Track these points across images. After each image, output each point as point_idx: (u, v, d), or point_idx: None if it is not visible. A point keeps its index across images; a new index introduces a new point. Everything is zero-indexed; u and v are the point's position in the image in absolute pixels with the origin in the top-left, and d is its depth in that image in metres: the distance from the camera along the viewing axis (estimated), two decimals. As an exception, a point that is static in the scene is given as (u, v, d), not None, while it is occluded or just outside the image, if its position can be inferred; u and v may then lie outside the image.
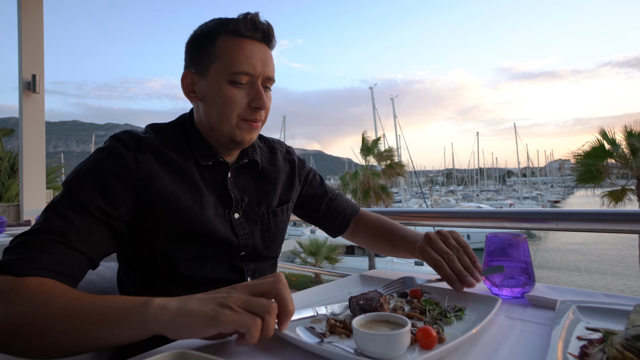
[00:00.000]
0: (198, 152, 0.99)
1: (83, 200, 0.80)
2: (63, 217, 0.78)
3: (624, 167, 11.74)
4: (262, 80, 0.97)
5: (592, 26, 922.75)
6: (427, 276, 0.97)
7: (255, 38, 0.95)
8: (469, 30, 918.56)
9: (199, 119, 1.01)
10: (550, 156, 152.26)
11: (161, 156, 0.92)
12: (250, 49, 0.94)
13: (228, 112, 0.94)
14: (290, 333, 0.67)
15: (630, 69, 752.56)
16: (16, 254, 0.73)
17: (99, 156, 0.87)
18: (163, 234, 0.90)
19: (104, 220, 0.82)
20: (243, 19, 0.93)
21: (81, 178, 0.83)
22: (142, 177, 0.87)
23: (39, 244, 0.74)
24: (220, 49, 0.93)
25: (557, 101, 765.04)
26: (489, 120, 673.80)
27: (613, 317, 0.71)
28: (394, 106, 39.14)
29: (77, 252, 0.77)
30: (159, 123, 1.03)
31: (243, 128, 0.97)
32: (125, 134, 0.92)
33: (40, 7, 3.88)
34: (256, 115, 0.97)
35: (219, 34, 0.94)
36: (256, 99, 0.95)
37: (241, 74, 0.92)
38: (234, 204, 1.02)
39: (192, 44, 0.98)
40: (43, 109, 3.96)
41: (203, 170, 0.99)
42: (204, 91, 0.96)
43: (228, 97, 0.93)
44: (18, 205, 4.02)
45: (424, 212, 1.86)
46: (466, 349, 0.64)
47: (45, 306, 0.65)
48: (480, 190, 75.09)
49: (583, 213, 1.40)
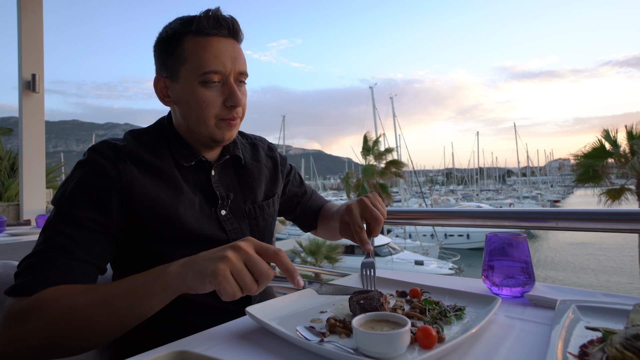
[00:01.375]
0: (179, 153, 0.99)
1: (77, 215, 0.82)
2: (62, 233, 0.80)
3: (623, 167, 11.74)
4: (235, 76, 0.95)
5: (592, 25, 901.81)
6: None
7: (221, 34, 0.94)
8: (469, 30, 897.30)
9: (177, 121, 1.02)
10: (550, 156, 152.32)
11: (141, 162, 0.93)
12: (217, 47, 0.92)
13: (204, 114, 0.94)
14: (290, 333, 0.67)
15: (630, 68, 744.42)
16: (26, 275, 0.76)
17: (81, 172, 0.88)
18: (152, 236, 0.91)
19: (100, 231, 0.84)
20: (205, 16, 0.92)
21: (70, 195, 0.85)
22: (125, 183, 0.88)
23: (46, 262, 0.77)
24: (187, 51, 0.92)
25: (557, 101, 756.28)
26: (488, 120, 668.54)
27: (613, 317, 0.71)
28: (393, 106, 39.13)
29: (84, 262, 0.81)
30: (137, 129, 1.03)
31: (222, 127, 0.97)
32: (102, 145, 0.91)
33: (40, 6, 3.88)
34: (233, 113, 0.96)
35: (184, 35, 0.93)
36: (230, 98, 0.94)
37: (211, 73, 0.91)
38: (219, 201, 1.02)
39: (159, 47, 0.97)
40: (43, 108, 3.95)
41: (185, 172, 1.00)
42: (178, 95, 0.96)
43: (202, 99, 0.92)
44: (18, 204, 4.02)
45: (424, 211, 1.86)
46: (466, 349, 0.64)
47: (74, 304, 0.71)
48: (480, 189, 75.09)
49: (583, 212, 1.40)
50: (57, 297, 0.72)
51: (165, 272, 0.70)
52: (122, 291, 0.72)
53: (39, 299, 0.72)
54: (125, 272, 0.98)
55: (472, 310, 0.79)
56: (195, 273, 0.67)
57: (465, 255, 21.38)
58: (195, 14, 0.94)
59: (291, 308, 0.83)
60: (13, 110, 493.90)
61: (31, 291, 0.74)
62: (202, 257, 0.68)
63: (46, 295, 0.73)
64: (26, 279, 0.76)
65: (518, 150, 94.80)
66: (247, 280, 0.65)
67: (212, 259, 0.66)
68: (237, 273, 0.65)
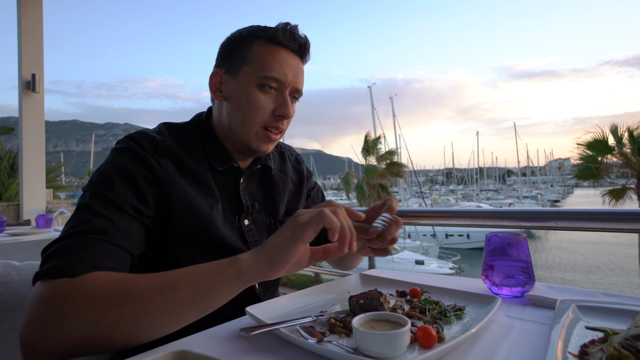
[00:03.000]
0: (213, 156, 0.98)
1: (116, 199, 0.79)
2: (101, 216, 0.76)
3: (625, 166, 11.74)
4: (291, 90, 0.97)
5: (592, 25, 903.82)
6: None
7: (291, 48, 0.96)
8: (469, 29, 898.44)
9: (219, 119, 1.00)
10: (550, 155, 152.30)
11: (178, 161, 0.91)
12: (284, 57, 0.94)
13: (251, 116, 0.93)
14: (290, 333, 0.67)
15: (631, 67, 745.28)
16: (63, 257, 0.69)
17: (119, 156, 0.85)
18: (178, 238, 0.88)
19: (137, 218, 0.81)
20: (282, 28, 0.94)
21: (108, 178, 0.81)
22: (166, 177, 0.86)
23: (85, 243, 0.71)
24: (255, 52, 0.93)
25: (557, 100, 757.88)
26: (488, 120, 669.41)
27: (613, 316, 0.71)
28: (392, 105, 39.12)
29: (121, 249, 0.76)
30: (174, 123, 1.01)
31: (261, 137, 0.96)
32: (141, 136, 0.89)
33: (39, 6, 3.88)
34: (279, 123, 0.96)
35: (256, 38, 0.94)
36: (282, 107, 0.94)
37: (270, 79, 0.92)
38: (244, 210, 1.01)
39: (228, 44, 0.98)
40: (43, 108, 3.95)
41: (217, 175, 0.98)
42: (232, 91, 0.95)
43: (254, 100, 0.93)
44: (18, 204, 4.01)
45: (424, 211, 1.86)
46: (466, 348, 0.64)
47: (132, 288, 0.65)
48: (480, 189, 75.11)
49: (583, 212, 1.40)
50: (110, 280, 0.66)
51: (236, 259, 0.68)
52: (187, 276, 0.67)
53: (87, 280, 0.65)
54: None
55: (472, 310, 0.79)
56: (280, 243, 0.68)
57: (465, 255, 21.38)
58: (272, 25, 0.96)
59: (291, 308, 0.83)
60: (13, 110, 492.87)
61: (73, 273, 0.66)
62: (274, 237, 0.70)
63: (95, 277, 0.66)
64: (63, 260, 0.67)
65: (518, 150, 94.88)
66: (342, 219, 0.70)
67: (294, 226, 0.68)
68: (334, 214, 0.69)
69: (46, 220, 3.08)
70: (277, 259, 0.68)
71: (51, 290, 0.64)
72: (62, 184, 10.95)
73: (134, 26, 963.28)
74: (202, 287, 0.66)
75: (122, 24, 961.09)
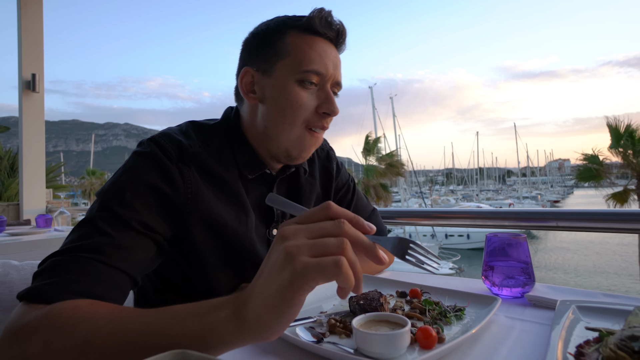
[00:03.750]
0: (244, 163, 0.88)
1: (124, 214, 0.70)
2: (101, 232, 0.67)
3: (624, 166, 11.73)
4: (332, 84, 0.88)
5: (592, 25, 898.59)
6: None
7: (328, 37, 0.87)
8: (469, 30, 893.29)
9: (251, 122, 0.90)
10: (550, 156, 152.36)
11: (206, 169, 0.82)
12: (322, 48, 0.85)
13: (293, 116, 0.84)
14: (290, 333, 0.67)
15: (631, 68, 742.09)
16: (49, 277, 0.62)
17: (139, 164, 0.76)
18: (201, 259, 0.82)
19: (146, 234, 0.72)
20: (317, 15, 0.84)
21: (120, 188, 0.73)
22: (189, 195, 0.78)
23: (75, 264, 0.64)
24: (290, 45, 0.84)
25: (557, 101, 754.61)
26: (488, 120, 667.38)
27: (613, 317, 0.71)
28: (393, 105, 39.12)
29: (118, 271, 0.67)
30: (202, 123, 0.91)
31: (306, 139, 0.87)
32: (165, 139, 0.80)
33: (40, 6, 3.88)
34: (324, 121, 0.87)
35: (289, 28, 0.85)
36: (326, 103, 0.85)
37: (312, 72, 0.83)
38: (274, 220, 0.93)
39: (255, 39, 0.89)
40: (43, 108, 3.95)
41: (247, 183, 0.89)
42: (267, 91, 0.85)
43: (295, 98, 0.83)
44: (18, 204, 4.02)
45: (424, 211, 1.86)
46: (466, 349, 0.64)
47: (94, 337, 0.53)
48: (480, 189, 75.12)
49: (583, 213, 1.40)
50: (75, 320, 0.55)
51: (217, 318, 0.50)
52: (159, 328, 0.51)
53: (52, 316, 0.56)
54: (145, 296, 0.90)
55: (472, 311, 0.79)
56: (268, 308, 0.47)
57: (465, 255, 21.37)
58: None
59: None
60: (12, 109, 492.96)
61: (48, 299, 0.59)
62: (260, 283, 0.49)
63: (62, 312, 0.56)
64: (46, 282, 0.61)
65: (518, 151, 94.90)
66: (329, 245, 0.47)
67: (277, 272, 0.47)
68: (313, 247, 0.47)
69: (46, 220, 3.08)
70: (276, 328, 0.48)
71: (20, 318, 0.57)
72: (62, 183, 10.96)
73: (134, 26, 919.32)
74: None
75: (121, 23, 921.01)
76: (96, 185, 26.48)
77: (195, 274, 0.84)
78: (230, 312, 0.49)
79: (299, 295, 0.47)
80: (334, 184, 1.10)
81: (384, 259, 0.50)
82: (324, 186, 1.08)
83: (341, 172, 1.14)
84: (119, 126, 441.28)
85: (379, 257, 0.49)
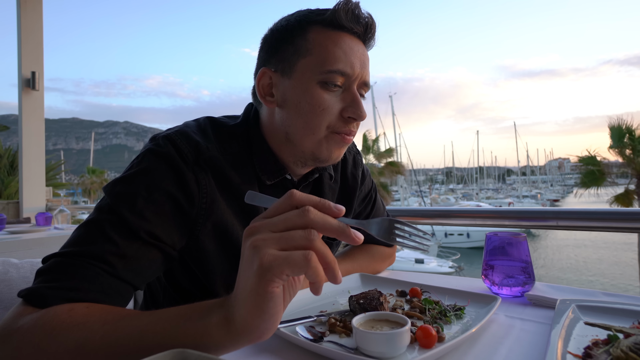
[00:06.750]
0: (263, 168, 0.83)
1: (132, 221, 0.67)
2: (107, 238, 0.65)
3: (625, 165, 11.73)
4: (359, 85, 0.80)
5: (593, 24, 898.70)
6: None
7: (355, 32, 0.79)
8: (469, 28, 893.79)
9: (271, 127, 0.84)
10: (550, 155, 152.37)
11: (222, 176, 0.78)
12: (348, 44, 0.77)
13: (315, 121, 0.77)
14: (290, 332, 0.67)
15: (631, 67, 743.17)
16: (51, 280, 0.61)
17: (153, 162, 0.72)
18: (211, 266, 0.80)
19: (154, 244, 0.69)
20: (343, 7, 0.76)
21: (133, 193, 0.69)
22: (204, 205, 0.74)
23: (77, 269, 0.62)
24: (312, 42, 0.77)
25: (557, 99, 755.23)
26: (488, 119, 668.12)
27: (613, 316, 0.71)
28: (392, 104, 39.09)
29: (121, 281, 0.65)
30: (221, 121, 0.86)
31: (332, 142, 0.80)
32: (182, 139, 0.75)
33: (39, 4, 3.88)
34: (350, 126, 0.80)
35: (311, 24, 0.78)
36: (352, 107, 0.78)
37: (336, 73, 0.76)
38: None
39: (274, 36, 0.81)
40: (42, 106, 3.95)
41: (265, 191, 0.84)
42: (287, 94, 0.79)
43: (317, 102, 0.76)
44: (17, 202, 4.02)
45: (424, 210, 1.86)
46: (466, 348, 0.64)
47: (87, 341, 0.53)
48: (479, 188, 75.19)
49: (583, 212, 1.40)
50: (69, 325, 0.55)
51: (209, 322, 0.51)
52: (152, 333, 0.52)
53: (46, 320, 0.55)
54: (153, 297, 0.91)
55: (472, 310, 0.79)
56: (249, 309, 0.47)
57: (465, 254, 21.39)
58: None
59: (291, 308, 0.83)
60: (12, 107, 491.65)
61: (44, 303, 0.58)
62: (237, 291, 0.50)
63: (56, 316, 0.56)
64: (47, 285, 0.60)
65: (518, 149, 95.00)
66: (296, 238, 0.46)
67: (247, 270, 0.48)
68: (280, 239, 0.46)
69: (46, 218, 3.09)
70: (261, 330, 0.49)
71: (13, 320, 0.57)
72: (62, 181, 10.96)
73: (133, 24, 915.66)
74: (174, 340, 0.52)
75: (120, 21, 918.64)
76: (96, 184, 26.41)
77: (205, 278, 0.83)
78: (220, 317, 0.50)
79: (272, 289, 0.46)
80: (358, 192, 1.05)
81: (357, 238, 0.48)
82: (347, 193, 1.02)
83: (365, 179, 1.09)
84: (118, 124, 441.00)
85: (352, 237, 0.48)
